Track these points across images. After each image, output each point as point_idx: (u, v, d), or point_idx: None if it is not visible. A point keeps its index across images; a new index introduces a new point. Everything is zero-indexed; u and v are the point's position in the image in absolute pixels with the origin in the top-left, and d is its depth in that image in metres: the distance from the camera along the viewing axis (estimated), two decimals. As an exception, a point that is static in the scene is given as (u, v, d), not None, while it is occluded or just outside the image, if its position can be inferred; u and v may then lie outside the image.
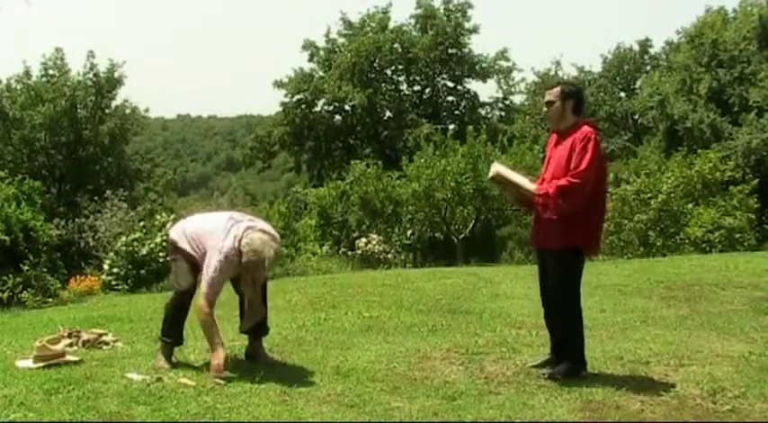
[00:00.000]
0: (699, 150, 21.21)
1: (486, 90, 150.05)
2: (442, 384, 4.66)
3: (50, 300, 12.92)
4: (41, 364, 4.94)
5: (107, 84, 29.71)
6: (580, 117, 4.98)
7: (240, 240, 4.70)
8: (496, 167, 5.12)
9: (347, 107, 34.89)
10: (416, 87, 36.51)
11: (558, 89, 4.97)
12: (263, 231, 4.81)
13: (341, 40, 35.84)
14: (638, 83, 36.53)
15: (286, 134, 35.25)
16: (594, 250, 5.04)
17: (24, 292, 13.06)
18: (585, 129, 4.82)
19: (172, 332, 5.06)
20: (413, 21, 35.59)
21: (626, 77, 37.40)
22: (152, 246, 14.59)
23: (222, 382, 4.57)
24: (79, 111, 29.14)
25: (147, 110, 31.70)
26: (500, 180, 5.09)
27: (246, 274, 4.79)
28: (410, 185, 20.84)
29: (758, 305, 7.35)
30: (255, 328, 5.12)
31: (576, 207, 4.75)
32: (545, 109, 5.04)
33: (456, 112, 36.22)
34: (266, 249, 4.65)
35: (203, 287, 4.80)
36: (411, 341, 5.81)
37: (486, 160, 19.46)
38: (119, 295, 13.12)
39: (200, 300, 4.82)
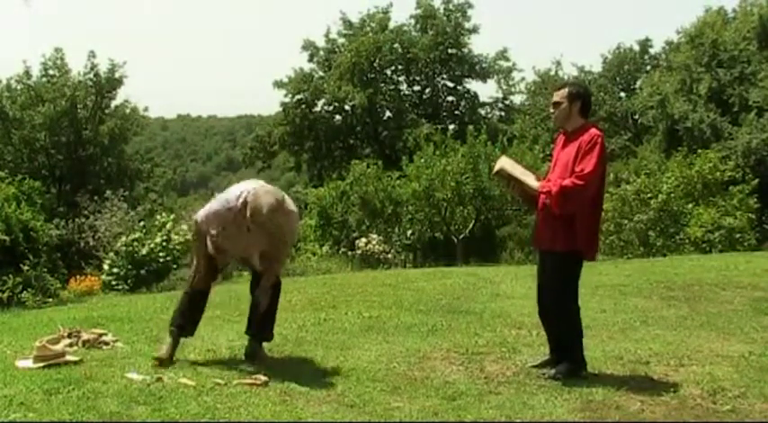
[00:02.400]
0: (699, 150, 21.20)
1: (486, 90, 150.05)
2: (442, 384, 4.66)
3: (50, 300, 12.93)
4: (41, 364, 4.94)
5: (107, 84, 29.70)
6: (587, 118, 4.97)
7: (249, 193, 4.82)
8: (502, 162, 5.10)
9: (347, 107, 34.84)
10: (416, 87, 36.48)
11: (565, 90, 4.95)
12: (271, 190, 4.89)
13: (341, 41, 35.83)
14: (638, 83, 36.46)
15: (286, 134, 35.22)
16: (594, 254, 5.02)
17: (24, 292, 13.06)
18: (593, 131, 4.80)
19: (179, 321, 5.12)
20: (413, 21, 35.60)
21: (626, 77, 37.34)
22: (152, 246, 14.60)
23: (222, 381, 4.57)
24: (79, 111, 29.12)
25: (146, 109, 31.79)
26: (504, 175, 5.08)
27: (250, 222, 4.83)
28: (410, 185, 20.84)
29: (758, 305, 7.35)
30: (259, 328, 5.13)
31: (576, 208, 4.75)
32: (552, 110, 5.00)
33: (456, 112, 36.18)
34: (266, 197, 4.73)
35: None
36: (411, 341, 5.80)
37: (487, 160, 19.47)
38: (119, 295, 13.13)
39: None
